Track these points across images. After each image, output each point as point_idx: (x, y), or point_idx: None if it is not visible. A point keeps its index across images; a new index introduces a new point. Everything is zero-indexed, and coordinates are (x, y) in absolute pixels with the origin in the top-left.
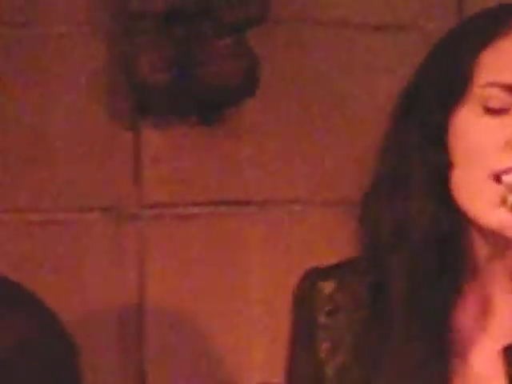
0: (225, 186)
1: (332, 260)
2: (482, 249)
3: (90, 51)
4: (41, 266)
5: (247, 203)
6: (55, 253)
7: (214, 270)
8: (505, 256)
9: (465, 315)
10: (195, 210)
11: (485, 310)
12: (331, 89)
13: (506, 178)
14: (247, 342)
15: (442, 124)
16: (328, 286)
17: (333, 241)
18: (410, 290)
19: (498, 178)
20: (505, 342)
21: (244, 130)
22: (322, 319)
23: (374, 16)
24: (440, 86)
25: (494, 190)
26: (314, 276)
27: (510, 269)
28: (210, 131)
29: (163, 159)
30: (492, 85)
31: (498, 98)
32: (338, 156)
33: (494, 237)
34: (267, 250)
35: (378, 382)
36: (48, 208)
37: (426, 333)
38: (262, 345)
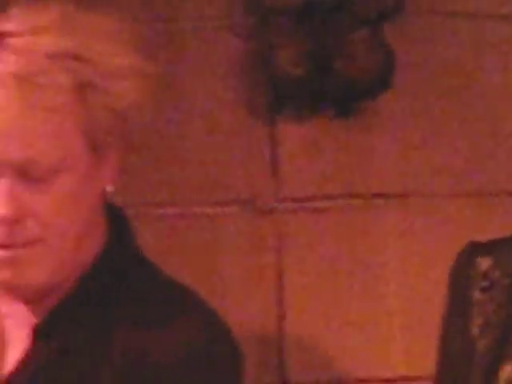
0: (361, 178)
1: None
2: None
3: (227, 46)
4: (179, 259)
5: (384, 196)
6: (193, 246)
7: (351, 262)
8: None
9: None
10: (332, 203)
11: None
12: (465, 79)
13: None
14: (385, 337)
15: None
16: (485, 262)
17: (471, 232)
18: None
19: None
20: None
21: (380, 122)
22: (477, 295)
23: (502, 5)
24: None
25: None
26: (472, 251)
27: None
28: (346, 124)
29: (300, 153)
30: None
31: None
32: (474, 147)
33: None
34: (404, 242)
35: None
36: (186, 202)
37: None
38: (402, 339)
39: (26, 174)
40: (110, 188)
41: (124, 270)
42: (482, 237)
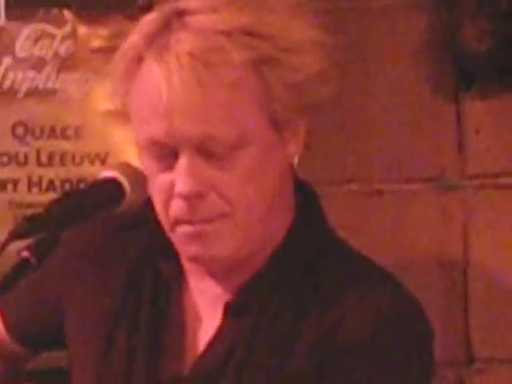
0: None
1: None
2: None
3: (412, 23)
4: (366, 236)
5: None
6: (380, 223)
7: None
8: None
9: None
10: None
11: None
12: None
13: None
14: None
15: None
16: None
17: None
18: None
19: None
20: None
21: None
22: None
23: None
24: None
25: None
26: None
27: None
28: None
29: (486, 129)
30: None
31: None
32: None
33: None
34: None
35: None
36: (373, 179)
37: None
38: None
39: (205, 150)
40: (295, 162)
41: (315, 245)
42: None
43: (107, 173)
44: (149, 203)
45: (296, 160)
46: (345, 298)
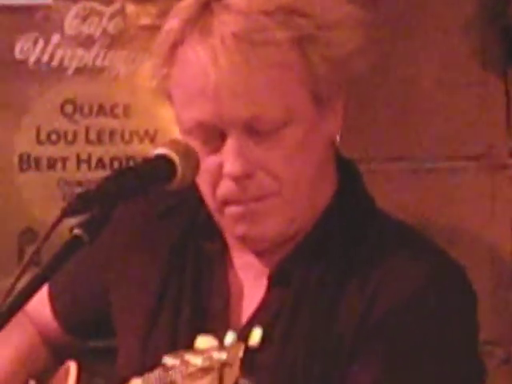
0: None
1: None
2: None
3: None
4: (413, 213)
5: None
6: (427, 201)
7: None
8: None
9: None
10: None
11: None
12: None
13: None
14: None
15: None
16: None
17: None
18: None
19: None
20: None
21: None
22: None
23: None
24: None
25: None
26: None
27: None
28: None
29: None
30: None
31: None
32: None
33: None
34: None
35: None
36: (420, 157)
37: None
38: None
39: (252, 130)
40: (337, 137)
41: (356, 217)
42: None
43: (159, 150)
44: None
45: (338, 137)
46: (387, 263)
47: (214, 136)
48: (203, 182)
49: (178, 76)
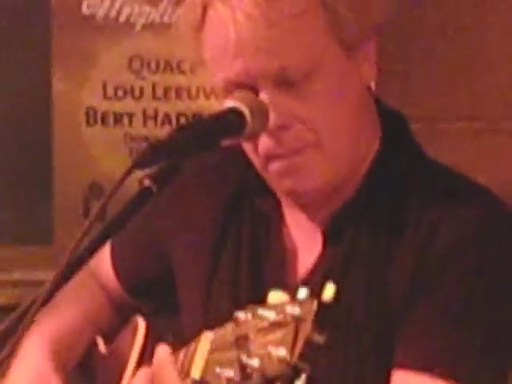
0: None
1: None
2: None
3: None
4: (480, 173)
5: None
6: (494, 161)
7: None
8: None
9: None
10: None
11: None
12: None
13: None
14: None
15: None
16: None
17: None
18: None
19: None
20: None
21: None
22: None
23: None
24: None
25: None
26: None
27: None
28: None
29: None
30: None
31: None
32: None
33: None
34: None
35: None
36: (491, 116)
37: None
38: None
39: (282, 82)
40: (372, 84)
41: (404, 165)
42: None
43: (229, 103)
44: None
45: (373, 83)
46: (439, 211)
47: None
48: (245, 143)
49: (205, 40)
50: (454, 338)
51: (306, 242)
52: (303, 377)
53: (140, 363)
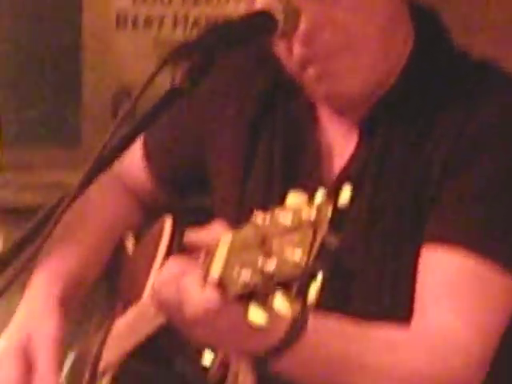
0: None
1: None
2: None
3: None
4: None
5: None
6: None
7: None
8: None
9: None
10: None
11: None
12: None
13: None
14: None
15: None
16: None
17: None
18: None
19: None
20: None
21: None
22: None
23: None
24: None
25: None
26: None
27: None
28: None
29: None
30: None
31: None
32: None
33: None
34: None
35: None
36: None
37: None
38: None
39: None
40: None
41: (438, 62)
42: None
43: (260, 4)
44: None
45: None
46: (474, 101)
47: None
48: (279, 49)
49: None
50: (484, 215)
51: (341, 141)
52: (319, 279)
53: (167, 260)
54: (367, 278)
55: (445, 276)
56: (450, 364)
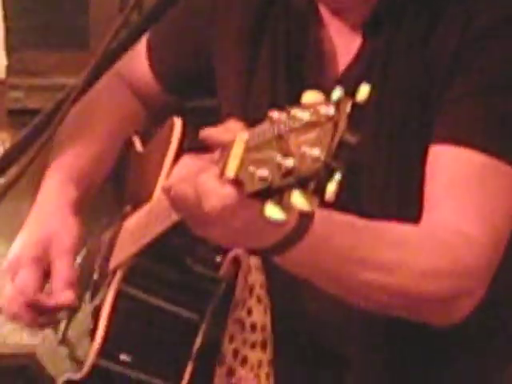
0: None
1: None
2: None
3: None
4: None
5: None
6: None
7: None
8: None
9: None
10: None
11: None
12: None
13: None
14: None
15: None
16: None
17: None
18: None
19: None
20: None
21: None
22: None
23: None
24: None
25: None
26: None
27: None
28: None
29: None
30: None
31: None
32: None
33: None
34: None
35: None
36: None
37: None
38: None
39: None
40: None
41: None
42: None
43: None
44: None
45: None
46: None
47: None
48: None
49: None
50: (491, 112)
51: (344, 41)
52: (337, 176)
53: (177, 161)
54: (374, 176)
55: (453, 174)
56: (461, 257)
